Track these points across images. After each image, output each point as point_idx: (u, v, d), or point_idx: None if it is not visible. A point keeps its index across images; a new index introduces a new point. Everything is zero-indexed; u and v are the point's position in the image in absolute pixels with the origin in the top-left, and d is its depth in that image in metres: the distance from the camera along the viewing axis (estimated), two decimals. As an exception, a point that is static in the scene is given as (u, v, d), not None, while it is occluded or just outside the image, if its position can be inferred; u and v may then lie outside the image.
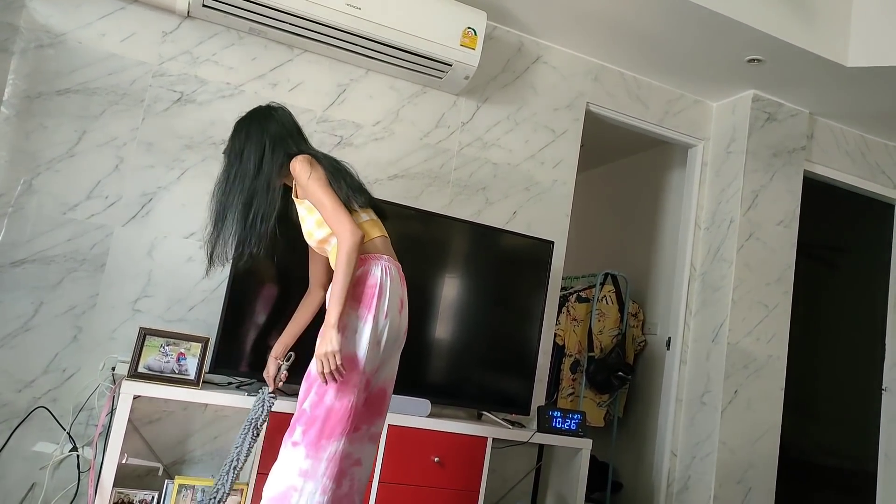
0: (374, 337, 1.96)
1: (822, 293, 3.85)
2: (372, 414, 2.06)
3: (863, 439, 3.83)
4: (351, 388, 1.93)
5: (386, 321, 2.00)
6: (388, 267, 2.03)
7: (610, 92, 3.48)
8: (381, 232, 2.13)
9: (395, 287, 2.04)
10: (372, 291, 1.98)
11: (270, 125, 2.13)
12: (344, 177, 2.08)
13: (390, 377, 2.13)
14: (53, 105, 2.54)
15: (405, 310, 2.12)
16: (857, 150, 3.84)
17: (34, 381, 2.44)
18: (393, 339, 2.05)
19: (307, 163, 2.02)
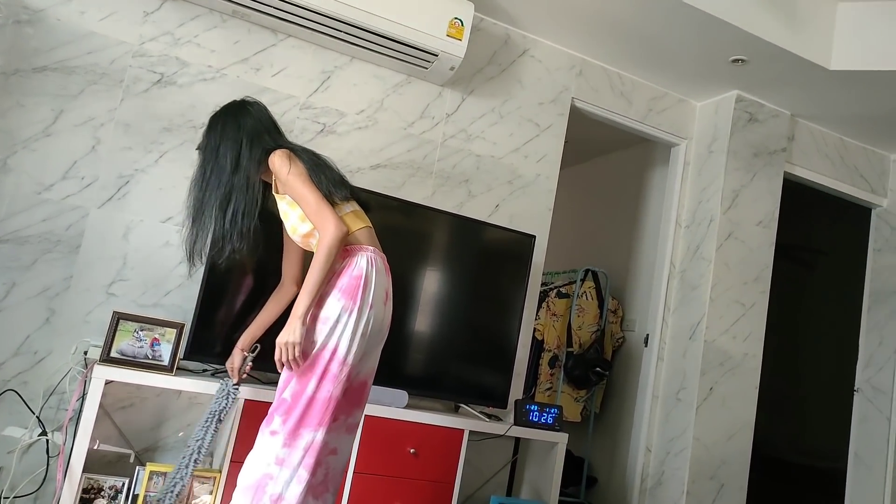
0: (358, 328, 1.95)
1: (798, 294, 3.90)
2: (351, 405, 2.05)
3: (834, 439, 3.89)
4: (332, 379, 1.93)
5: (371, 312, 1.99)
6: (374, 258, 2.02)
7: (594, 87, 3.48)
8: (365, 223, 2.11)
9: (380, 279, 2.03)
10: (357, 282, 1.97)
11: (246, 120, 2.09)
12: (324, 170, 2.06)
13: (371, 369, 2.12)
14: (31, 83, 2.49)
15: (390, 302, 2.10)
16: (836, 153, 3.88)
17: (4, 363, 2.40)
18: (377, 331, 2.04)
19: (286, 157, 2.00)
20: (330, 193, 2.02)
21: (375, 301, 2.00)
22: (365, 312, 1.97)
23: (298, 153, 2.06)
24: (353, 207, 2.11)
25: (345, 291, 1.96)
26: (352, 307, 1.95)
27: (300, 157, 2.04)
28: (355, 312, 1.95)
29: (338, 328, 1.94)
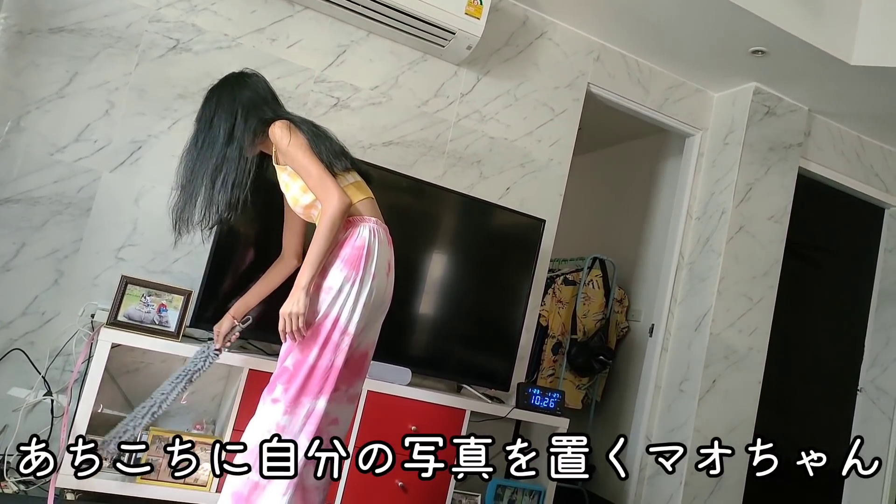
0: (360, 298, 1.95)
1: (806, 291, 3.88)
2: (353, 375, 2.06)
3: (835, 439, 3.87)
4: (334, 349, 1.93)
5: (374, 283, 1.98)
6: (376, 229, 2.01)
7: (611, 73, 3.45)
8: (367, 194, 2.09)
9: (382, 249, 2.02)
10: (360, 253, 1.96)
11: (242, 92, 2.08)
12: (324, 141, 2.04)
13: (373, 340, 2.12)
14: (46, 43, 2.48)
15: (392, 273, 2.10)
16: (852, 151, 3.84)
17: (11, 322, 2.41)
18: (379, 302, 2.04)
19: (286, 128, 1.99)
20: (330, 164, 2.00)
21: (378, 271, 1.99)
22: (367, 283, 1.96)
23: (298, 124, 2.04)
24: (354, 178, 2.09)
25: (347, 262, 1.96)
26: (354, 277, 1.94)
27: (300, 127, 2.02)
28: (358, 282, 1.94)
29: (340, 298, 1.93)
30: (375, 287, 1.98)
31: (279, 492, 1.86)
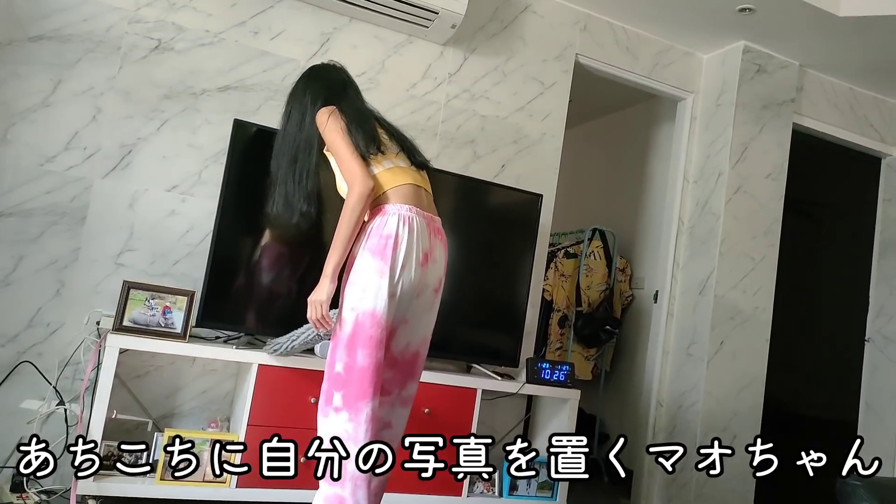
0: (389, 289, 1.88)
1: (808, 246, 3.87)
2: (405, 377, 2.04)
3: (844, 391, 3.90)
4: (374, 344, 1.87)
5: (403, 274, 1.90)
6: (409, 216, 1.93)
7: (599, 42, 3.42)
8: (410, 180, 2.01)
9: (415, 238, 1.93)
10: (387, 242, 1.89)
11: (314, 82, 2.11)
12: (362, 125, 2.00)
13: (423, 339, 2.06)
14: (26, 52, 2.45)
15: (433, 265, 2.00)
16: (845, 103, 3.82)
17: (17, 335, 2.41)
18: (412, 294, 1.96)
19: (326, 113, 1.99)
20: (365, 149, 1.96)
21: (407, 262, 1.91)
22: (396, 273, 1.89)
23: (344, 110, 2.01)
24: (393, 164, 2.02)
25: (374, 252, 1.90)
26: (381, 267, 1.88)
27: (344, 112, 2.00)
28: (387, 272, 1.88)
29: (369, 291, 1.88)
30: (405, 279, 1.91)
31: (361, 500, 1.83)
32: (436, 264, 2.02)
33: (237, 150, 2.51)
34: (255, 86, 2.75)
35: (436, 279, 2.03)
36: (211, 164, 2.67)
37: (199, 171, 2.66)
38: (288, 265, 2.61)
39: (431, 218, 2.03)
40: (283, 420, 2.42)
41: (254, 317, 2.56)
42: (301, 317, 2.58)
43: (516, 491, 2.81)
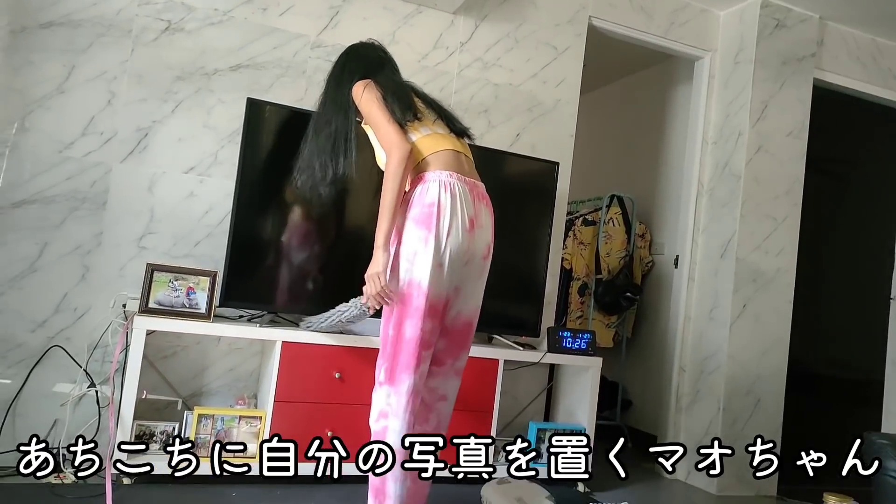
0: (435, 258, 1.86)
1: (830, 205, 3.81)
2: (457, 347, 2.05)
3: (869, 350, 3.86)
4: (419, 315, 1.87)
5: (449, 240, 1.87)
6: (450, 182, 1.90)
7: (612, 3, 3.35)
8: (449, 146, 1.99)
9: (458, 204, 1.90)
10: (430, 210, 1.87)
11: (352, 61, 2.14)
12: (398, 94, 2.00)
13: (473, 308, 2.06)
14: (38, 39, 2.45)
15: (480, 230, 1.97)
16: (868, 56, 3.71)
17: (46, 321, 2.45)
18: (461, 262, 1.93)
19: (362, 86, 2.00)
20: (402, 117, 1.96)
21: (454, 229, 1.88)
22: (442, 241, 1.87)
23: (379, 81, 2.02)
24: (432, 131, 2.01)
25: (418, 221, 1.88)
26: (426, 236, 1.86)
27: (379, 83, 2.01)
28: (432, 241, 1.86)
29: (416, 260, 1.87)
30: (452, 245, 1.88)
31: (398, 478, 1.87)
32: (482, 230, 1.99)
33: (252, 128, 2.51)
34: (266, 63, 2.73)
35: (484, 245, 2.00)
36: (226, 144, 2.67)
37: (216, 151, 2.67)
38: (309, 242, 2.63)
39: (474, 183, 1.99)
40: (309, 395, 2.46)
41: (276, 294, 2.58)
42: (324, 293, 2.61)
43: (540, 459, 2.83)
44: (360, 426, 2.50)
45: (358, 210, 2.72)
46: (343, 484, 2.51)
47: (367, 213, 2.73)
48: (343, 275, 2.65)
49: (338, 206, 2.69)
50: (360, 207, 2.72)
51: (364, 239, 2.71)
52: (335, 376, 2.49)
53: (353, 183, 2.39)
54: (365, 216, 2.73)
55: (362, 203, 2.72)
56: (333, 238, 2.69)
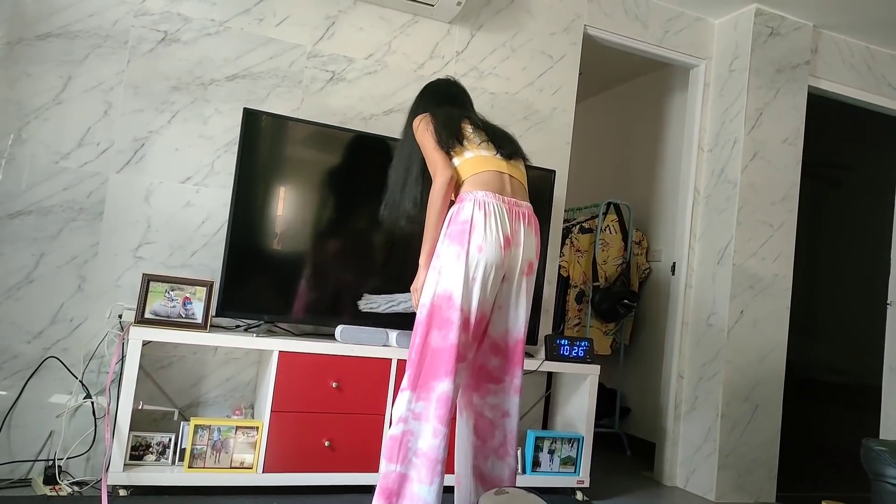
0: (467, 273, 1.96)
1: (826, 211, 3.82)
2: (512, 364, 2.14)
3: (867, 355, 3.86)
4: (449, 327, 1.95)
5: (481, 256, 1.97)
6: (485, 201, 2.01)
7: (607, 12, 3.36)
8: (491, 167, 2.10)
9: (493, 221, 2.00)
10: (464, 227, 1.99)
11: (424, 97, 2.33)
12: (448, 123, 2.14)
13: (521, 324, 2.14)
14: (35, 51, 2.46)
15: (517, 248, 2.06)
16: (862, 63, 3.74)
17: (42, 331, 2.45)
18: (496, 278, 2.02)
19: (419, 118, 2.18)
20: (447, 144, 2.10)
21: (487, 245, 1.98)
22: (474, 257, 1.97)
23: (436, 114, 2.17)
24: (475, 153, 2.12)
25: (452, 237, 2.01)
26: (459, 252, 1.97)
27: (435, 116, 2.16)
28: (463, 256, 1.97)
29: (446, 274, 1.98)
30: (484, 261, 1.97)
31: (425, 480, 1.91)
32: (520, 248, 2.07)
33: (248, 138, 2.52)
34: (262, 73, 2.74)
35: (524, 263, 2.09)
36: (223, 154, 2.68)
37: (212, 161, 2.67)
38: (305, 251, 2.63)
39: (515, 202, 2.09)
40: (306, 405, 2.45)
41: (272, 304, 2.58)
42: (321, 302, 2.62)
43: (539, 467, 2.83)
44: (359, 436, 2.50)
45: (355, 219, 2.72)
46: (342, 494, 2.51)
47: (364, 221, 2.74)
48: (339, 283, 2.65)
49: (334, 216, 2.69)
50: (357, 216, 2.72)
51: (360, 248, 2.71)
52: (332, 386, 2.48)
53: (350, 193, 2.42)
54: (362, 225, 2.74)
55: (359, 212, 2.72)
56: (330, 247, 2.69)
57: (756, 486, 3.27)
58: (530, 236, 2.11)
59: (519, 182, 2.17)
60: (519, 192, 2.14)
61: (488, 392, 2.14)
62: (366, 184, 2.74)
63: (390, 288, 2.65)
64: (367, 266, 2.72)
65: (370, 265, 2.73)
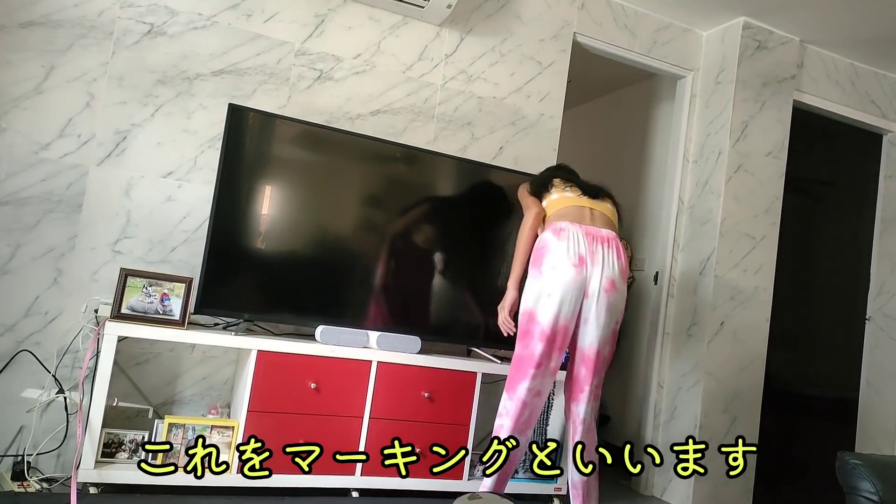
0: (543, 290, 2.28)
1: (808, 225, 3.85)
2: (594, 374, 2.37)
3: (845, 369, 3.90)
4: (531, 338, 2.30)
5: (555, 274, 2.26)
6: (562, 227, 2.33)
7: (597, 21, 3.38)
8: (573, 203, 2.44)
9: (565, 244, 2.29)
10: (541, 251, 2.34)
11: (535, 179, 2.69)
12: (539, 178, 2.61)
13: (605, 337, 2.35)
14: (17, 39, 2.42)
15: (595, 267, 2.30)
16: (846, 79, 3.78)
17: (16, 324, 2.40)
18: (575, 294, 2.27)
19: (522, 185, 2.63)
20: (537, 189, 2.54)
21: (560, 263, 2.27)
22: (547, 274, 2.28)
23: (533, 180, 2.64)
24: (559, 195, 2.48)
25: (532, 262, 2.36)
26: (537, 274, 2.32)
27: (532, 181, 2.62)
28: (538, 277, 2.30)
29: (527, 293, 2.34)
30: (557, 279, 2.26)
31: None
32: (596, 266, 2.31)
33: (233, 134, 2.49)
34: (249, 69, 2.72)
35: (605, 281, 2.32)
36: (206, 150, 2.65)
37: (195, 156, 2.64)
38: (287, 250, 2.60)
39: (595, 229, 2.37)
40: (283, 405, 2.43)
41: (252, 303, 2.55)
42: (301, 302, 2.60)
43: (516, 474, 2.81)
44: (335, 437, 2.48)
45: (338, 220, 2.70)
46: (318, 497, 2.48)
47: (349, 223, 2.72)
48: (320, 284, 2.63)
49: (317, 216, 2.67)
50: (341, 217, 2.70)
51: (344, 248, 2.69)
52: (311, 387, 2.46)
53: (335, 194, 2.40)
54: (346, 226, 2.72)
55: (343, 213, 2.70)
56: (311, 247, 2.66)
57: (732, 497, 3.28)
58: (610, 258, 2.34)
59: (602, 213, 2.46)
60: (600, 221, 2.43)
61: (574, 401, 2.40)
62: (352, 185, 2.73)
63: (373, 291, 2.63)
64: (351, 268, 2.70)
65: (354, 267, 2.71)
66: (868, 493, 1.76)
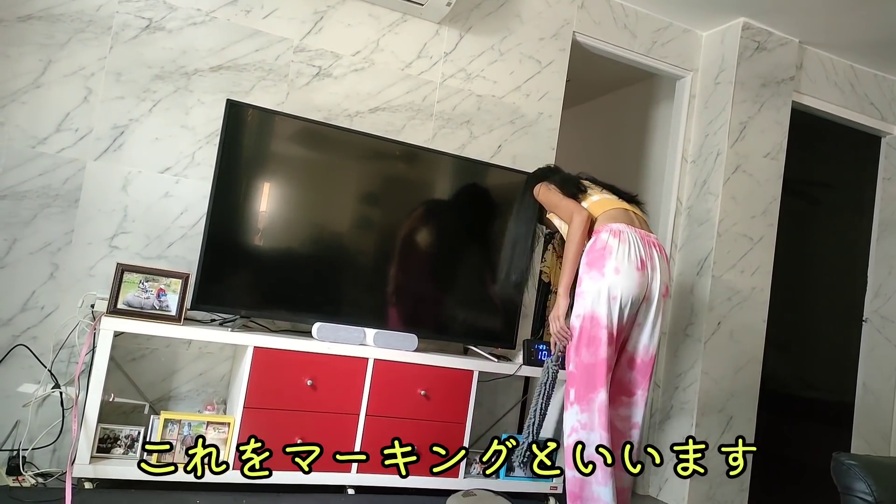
0: (608, 292, 2.21)
1: (805, 227, 3.85)
2: (644, 379, 2.35)
3: (841, 371, 3.90)
4: (597, 343, 2.21)
5: (618, 278, 2.20)
6: (619, 230, 2.27)
7: (597, 20, 3.37)
8: (618, 205, 2.40)
9: (626, 247, 2.24)
10: (601, 253, 2.25)
11: (530, 180, 2.64)
12: (566, 179, 2.53)
13: (656, 342, 2.33)
14: (15, 32, 2.41)
15: (654, 271, 2.28)
16: (845, 81, 3.78)
17: (12, 319, 2.40)
18: (637, 298, 2.24)
19: (540, 187, 2.52)
20: (574, 195, 2.44)
21: (623, 266, 2.21)
22: (610, 276, 2.21)
23: (552, 178, 2.53)
24: (599, 197, 2.44)
25: (591, 264, 2.26)
26: (598, 276, 2.23)
27: (551, 180, 2.52)
28: (600, 279, 2.22)
29: (588, 297, 2.24)
30: (622, 282, 2.20)
31: (601, 482, 2.16)
32: (656, 271, 2.29)
33: (231, 130, 2.49)
34: (247, 65, 2.71)
35: (661, 286, 2.31)
36: (204, 146, 2.64)
37: (193, 152, 2.63)
38: (284, 246, 2.60)
39: (646, 233, 2.35)
40: (280, 402, 2.43)
41: (249, 299, 2.55)
42: (298, 298, 2.60)
43: (513, 472, 2.82)
44: (331, 434, 2.48)
45: (336, 217, 2.70)
46: (311, 493, 2.48)
47: (346, 220, 2.72)
48: (317, 281, 2.63)
49: (314, 213, 2.67)
50: (339, 215, 2.70)
51: (341, 245, 2.69)
52: (307, 383, 2.46)
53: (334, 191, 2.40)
54: (344, 224, 2.72)
55: (341, 210, 2.70)
56: (309, 244, 2.66)
57: (728, 497, 3.29)
58: (663, 262, 2.34)
59: (641, 219, 2.44)
60: (645, 225, 2.41)
61: (621, 404, 2.35)
62: (350, 182, 2.72)
63: (370, 288, 2.63)
64: (348, 265, 2.70)
65: (351, 265, 2.70)
66: (863, 493, 1.76)
